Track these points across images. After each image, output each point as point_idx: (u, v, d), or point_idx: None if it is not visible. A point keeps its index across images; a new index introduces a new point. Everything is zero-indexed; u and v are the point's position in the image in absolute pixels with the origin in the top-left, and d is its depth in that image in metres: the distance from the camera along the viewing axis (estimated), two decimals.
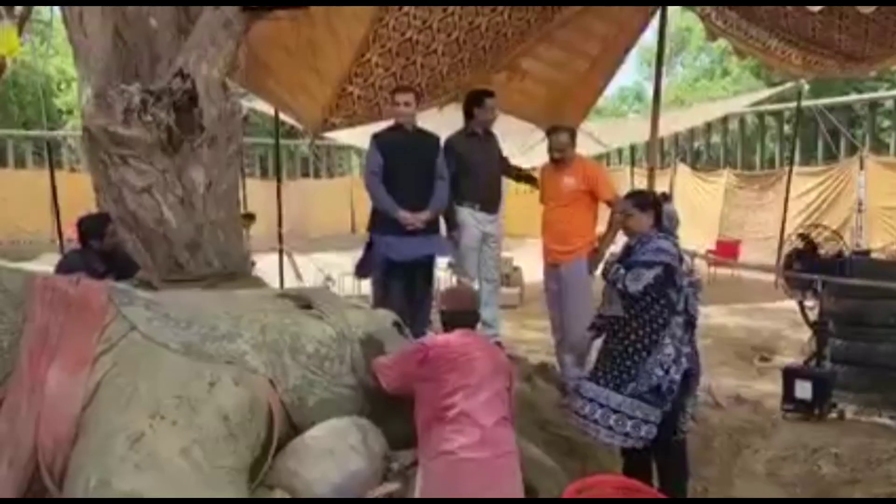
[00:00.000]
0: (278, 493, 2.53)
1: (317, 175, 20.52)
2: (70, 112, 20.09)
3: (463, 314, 2.92)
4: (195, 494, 2.23)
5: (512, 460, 2.64)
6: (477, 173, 4.74)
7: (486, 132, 4.89)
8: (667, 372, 3.28)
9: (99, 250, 3.86)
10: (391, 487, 2.66)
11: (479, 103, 4.82)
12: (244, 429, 2.46)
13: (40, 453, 2.34)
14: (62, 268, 3.85)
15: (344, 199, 18.31)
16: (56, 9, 4.79)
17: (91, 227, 3.92)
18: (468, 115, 4.86)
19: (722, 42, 6.34)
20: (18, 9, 4.96)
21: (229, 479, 2.33)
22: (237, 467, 2.38)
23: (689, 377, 3.38)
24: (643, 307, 3.36)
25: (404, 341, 3.19)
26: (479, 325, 4.73)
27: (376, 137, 4.53)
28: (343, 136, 8.38)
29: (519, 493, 2.63)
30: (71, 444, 2.36)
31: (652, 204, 3.56)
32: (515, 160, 5.50)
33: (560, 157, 4.66)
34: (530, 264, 8.43)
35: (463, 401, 2.58)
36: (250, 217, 9.21)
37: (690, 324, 3.42)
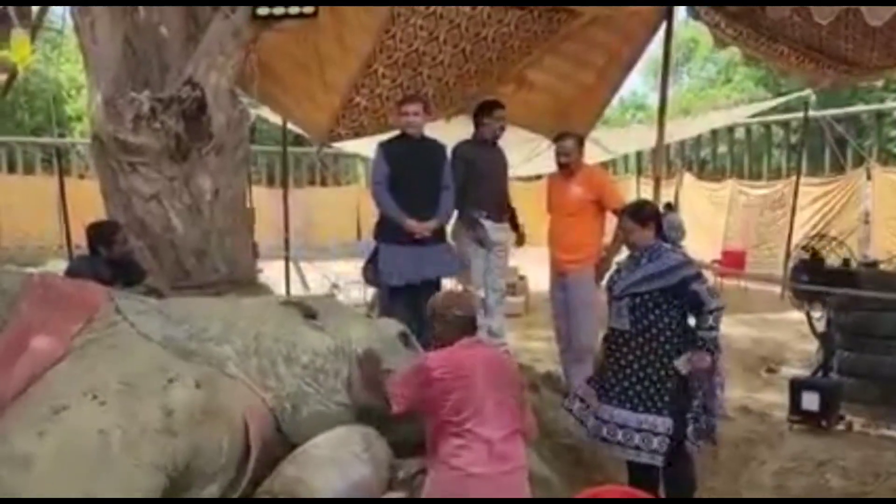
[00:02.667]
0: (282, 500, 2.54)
1: (323, 183, 20.56)
2: (79, 118, 20.21)
3: (464, 319, 2.77)
4: (92, 473, 2.19)
5: (519, 476, 2.60)
6: (485, 182, 4.74)
7: (493, 142, 4.91)
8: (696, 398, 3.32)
9: (107, 258, 3.86)
10: (396, 496, 2.66)
11: (488, 112, 4.85)
12: (189, 428, 2.40)
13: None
14: (69, 274, 3.86)
15: (350, 208, 18.35)
16: (68, 17, 4.83)
17: (100, 234, 3.93)
18: (478, 124, 4.88)
19: (727, 52, 6.35)
20: (31, 15, 5.01)
21: (138, 472, 2.26)
22: (159, 465, 2.31)
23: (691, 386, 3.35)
24: (652, 321, 3.32)
25: (410, 354, 3.11)
26: (485, 335, 4.74)
27: (382, 146, 4.55)
28: (350, 144, 8.41)
29: None
30: None
31: (651, 216, 3.52)
32: (519, 170, 5.52)
33: (566, 162, 4.67)
34: (536, 273, 8.42)
35: (469, 417, 2.53)
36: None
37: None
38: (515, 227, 5.16)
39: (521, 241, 5.23)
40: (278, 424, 2.72)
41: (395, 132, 4.71)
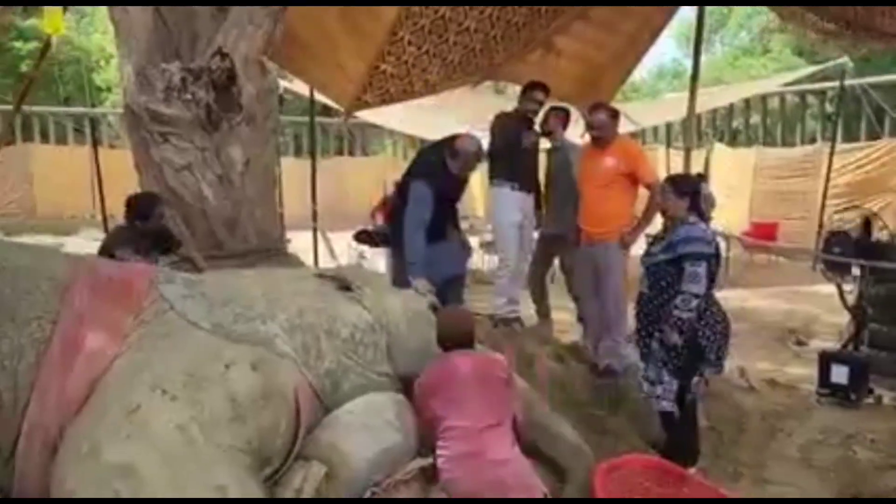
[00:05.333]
0: (315, 465, 2.57)
1: (351, 153, 20.57)
2: (109, 89, 20.38)
3: (461, 336, 2.92)
4: (186, 469, 2.20)
5: (503, 469, 2.62)
6: (525, 157, 4.91)
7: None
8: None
9: (144, 230, 3.92)
10: (424, 462, 2.71)
11: (544, 91, 4.97)
12: (254, 413, 2.42)
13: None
14: (104, 249, 3.92)
15: (378, 178, 18.35)
16: None
17: (139, 207, 3.97)
18: (531, 98, 4.97)
19: (761, 19, 6.20)
20: None
21: (227, 457, 2.28)
22: (239, 447, 2.33)
23: (703, 342, 3.56)
24: (664, 287, 3.60)
25: None
26: (503, 301, 4.83)
27: (431, 184, 4.18)
28: (371, 115, 8.37)
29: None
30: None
31: (690, 190, 3.69)
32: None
33: (599, 136, 4.62)
34: None
35: (451, 416, 2.68)
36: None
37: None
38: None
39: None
40: (320, 400, 2.73)
41: (420, 105, 4.72)
